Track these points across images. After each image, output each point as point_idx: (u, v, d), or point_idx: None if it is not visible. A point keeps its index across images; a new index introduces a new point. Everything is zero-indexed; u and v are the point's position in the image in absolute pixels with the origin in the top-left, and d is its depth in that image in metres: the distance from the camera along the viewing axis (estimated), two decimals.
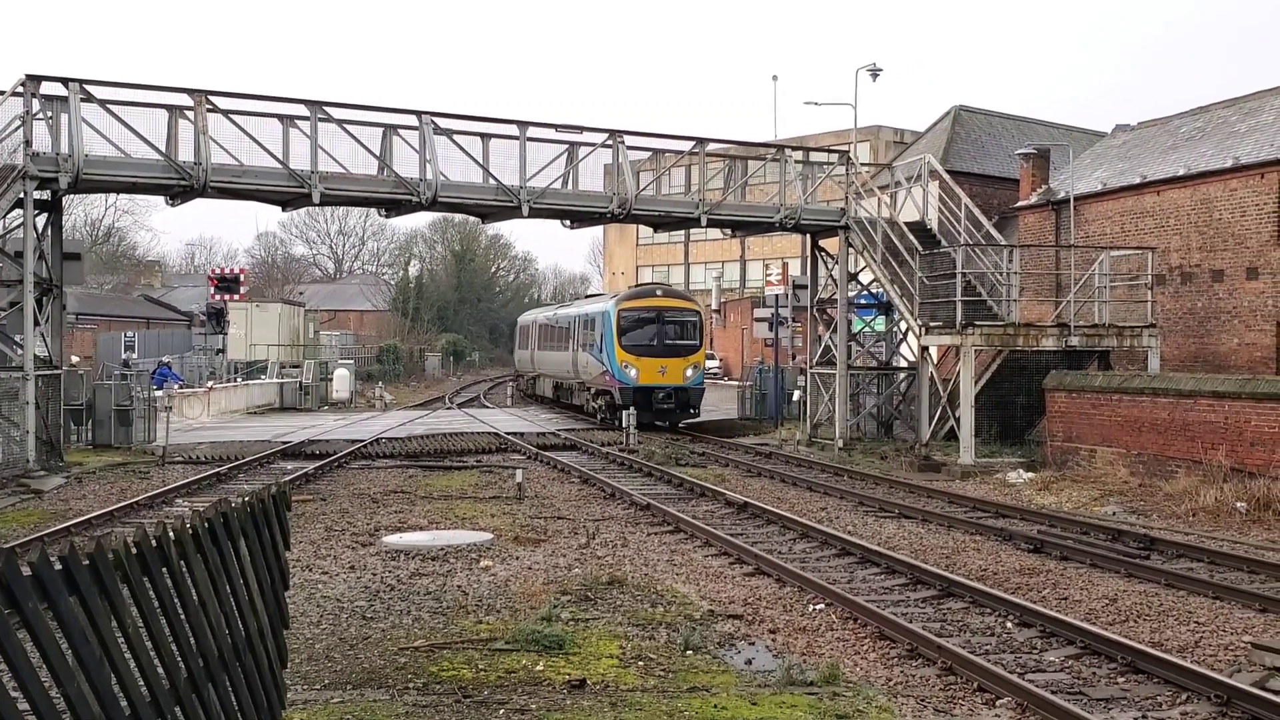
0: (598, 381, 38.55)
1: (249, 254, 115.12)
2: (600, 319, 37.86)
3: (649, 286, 42.47)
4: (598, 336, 37.72)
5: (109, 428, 30.16)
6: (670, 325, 37.14)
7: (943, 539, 17.90)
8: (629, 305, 37.39)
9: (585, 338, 39.91)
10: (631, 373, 35.91)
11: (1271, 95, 32.78)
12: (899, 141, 62.12)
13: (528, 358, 54.52)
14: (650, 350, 36.26)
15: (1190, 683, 9.96)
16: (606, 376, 37.07)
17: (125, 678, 5.01)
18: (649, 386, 35.84)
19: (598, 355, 37.78)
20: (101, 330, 67.51)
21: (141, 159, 24.53)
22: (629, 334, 36.47)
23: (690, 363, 36.72)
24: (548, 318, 49.71)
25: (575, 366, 41.77)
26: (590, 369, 39.37)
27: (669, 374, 36.10)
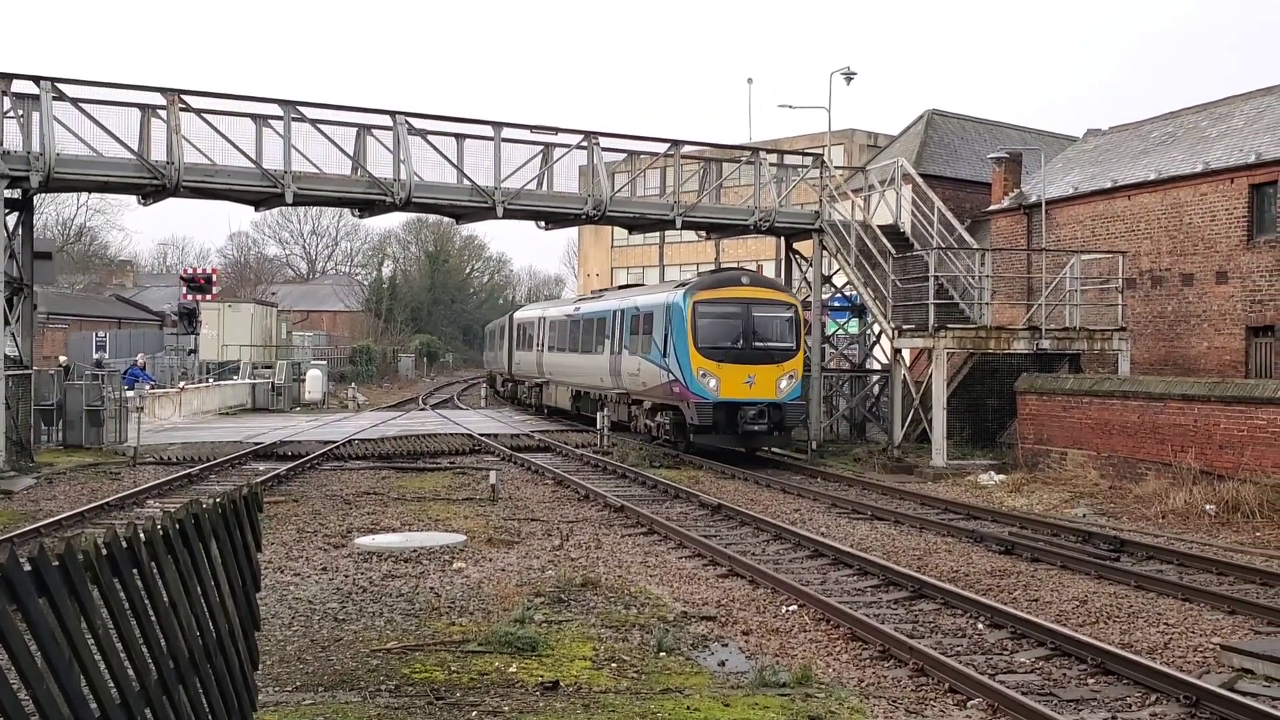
0: (657, 394, 29.97)
1: (221, 254, 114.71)
2: (663, 314, 29.37)
3: (730, 272, 31.50)
4: (659, 336, 29.36)
5: (80, 428, 29.95)
6: (761, 322, 28.54)
7: (915, 540, 17.97)
8: (707, 296, 28.54)
9: (635, 338, 31.56)
10: (711, 384, 27.64)
11: (1241, 101, 33.06)
12: (873, 145, 62.30)
13: (532, 361, 45.74)
14: (735, 354, 28.02)
15: (1160, 684, 10.03)
16: (674, 388, 28.47)
17: (95, 679, 4.99)
18: (734, 402, 27.61)
19: (659, 361, 29.27)
20: (73, 330, 67.09)
21: (114, 158, 24.40)
22: (706, 333, 28.20)
23: (785, 371, 28.22)
24: (564, 313, 41.23)
25: (616, 374, 33.26)
26: (645, 378, 30.57)
27: (759, 385, 27.88)
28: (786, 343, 28.54)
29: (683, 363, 27.98)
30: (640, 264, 78.22)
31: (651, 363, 29.91)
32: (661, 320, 29.40)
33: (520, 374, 49.41)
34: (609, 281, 75.13)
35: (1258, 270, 28.13)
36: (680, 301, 28.57)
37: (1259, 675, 10.55)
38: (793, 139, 59.44)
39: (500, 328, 56.31)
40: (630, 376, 31.74)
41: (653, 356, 29.77)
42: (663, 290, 31.72)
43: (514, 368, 50.81)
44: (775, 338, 28.56)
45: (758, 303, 28.64)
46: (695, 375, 27.73)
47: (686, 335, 27.96)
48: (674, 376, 28.35)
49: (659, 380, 29.43)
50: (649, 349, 30.08)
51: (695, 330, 27.98)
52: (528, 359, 46.94)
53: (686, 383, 27.88)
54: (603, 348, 34.57)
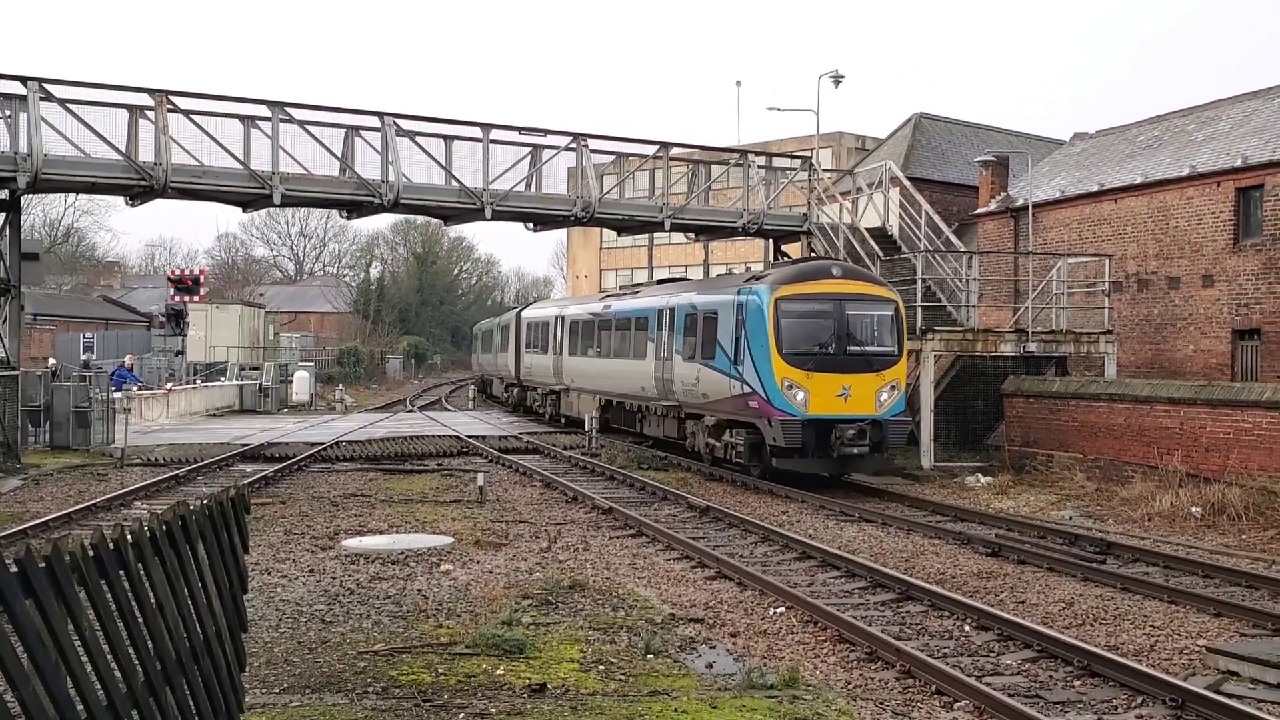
0: (724, 408, 25.46)
1: (209, 255, 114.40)
2: (732, 313, 24.89)
3: (818, 262, 26.23)
4: (727, 339, 24.94)
5: (67, 429, 29.90)
6: (856, 322, 24.19)
7: (902, 542, 18.01)
8: (793, 292, 23.96)
9: (691, 340, 26.91)
10: (798, 397, 23.24)
11: (1228, 104, 33.18)
12: (861, 148, 62.43)
13: (546, 366, 40.64)
14: (826, 362, 23.66)
15: (1146, 686, 10.07)
16: (749, 402, 23.97)
17: (81, 682, 4.98)
18: (827, 419, 23.20)
19: (726, 369, 24.83)
20: (60, 331, 66.89)
21: (101, 159, 24.35)
22: (792, 336, 23.74)
23: (886, 380, 23.75)
24: (589, 312, 36.12)
25: (664, 383, 28.43)
26: (706, 389, 26.00)
27: (855, 398, 23.46)
28: (887, 346, 24.23)
29: (762, 372, 23.59)
30: (629, 266, 78.21)
31: (716, 371, 25.31)
32: (730, 320, 24.85)
33: (532, 380, 43.99)
34: (597, 284, 75.05)
35: (1244, 274, 28.24)
36: (758, 298, 24.06)
37: (1245, 677, 10.59)
38: (781, 141, 59.53)
39: (500, 327, 51.71)
40: (685, 387, 27.02)
41: (718, 364, 25.21)
42: (728, 284, 26.93)
43: (523, 373, 45.21)
44: (874, 340, 24.31)
45: (852, 298, 24.13)
46: (779, 387, 23.27)
47: (767, 338, 23.53)
48: (749, 388, 23.84)
49: (727, 392, 24.87)
50: (711, 354, 25.56)
51: (778, 332, 23.56)
52: (541, 363, 41.76)
53: (768, 396, 23.36)
54: (644, 352, 29.83)
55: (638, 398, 30.95)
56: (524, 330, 44.92)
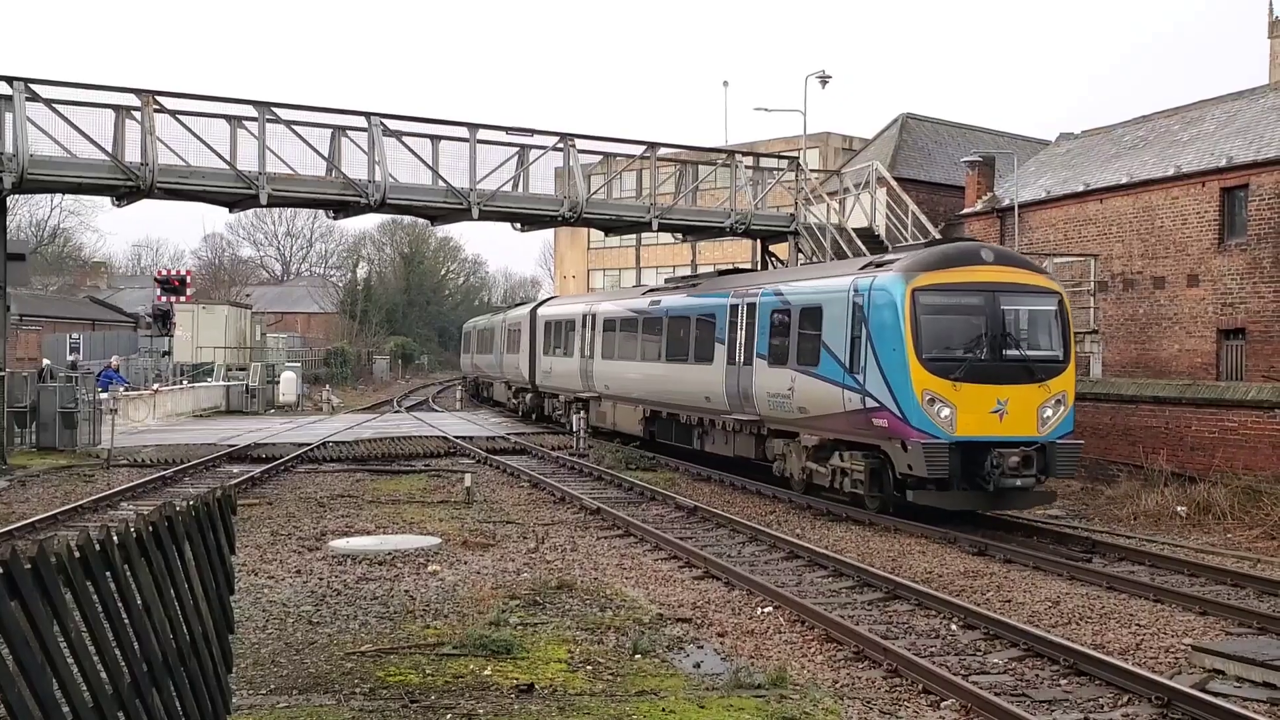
0: (835, 426, 20.50)
1: (196, 255, 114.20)
2: (847, 307, 20.07)
3: (963, 244, 21.47)
4: (838, 340, 20.17)
5: (54, 430, 29.81)
6: (1015, 319, 19.53)
7: (889, 542, 18.04)
8: (936, 281, 19.08)
9: (783, 342, 22.43)
10: (943, 414, 18.43)
11: (1213, 105, 33.30)
12: (848, 148, 62.51)
13: (572, 371, 35.63)
14: (979, 370, 18.76)
15: (1132, 685, 10.11)
16: (874, 419, 19.13)
17: (68, 683, 4.97)
18: (981, 442, 18.49)
19: (837, 377, 20.07)
20: (46, 332, 66.64)
21: (88, 159, 24.25)
22: (935, 337, 18.91)
23: (1051, 393, 18.96)
24: (630, 308, 31.62)
25: (740, 393, 23.91)
26: (805, 400, 21.24)
27: (1013, 416, 18.68)
28: (1051, 350, 19.48)
29: (894, 381, 18.75)
30: (617, 266, 78.22)
31: (821, 380, 20.66)
32: (843, 316, 20.15)
33: (552, 386, 38.71)
34: (585, 284, 75.00)
35: (1229, 273, 28.35)
36: (888, 289, 19.15)
37: (1230, 676, 10.64)
38: (768, 142, 59.58)
39: (506, 326, 46.83)
40: (772, 399, 22.51)
41: (823, 370, 20.62)
42: (835, 271, 22.32)
43: (541, 378, 40.02)
44: (1035, 342, 19.65)
45: (1009, 289, 19.36)
46: (919, 401, 18.47)
47: (902, 339, 18.67)
48: (875, 402, 19.06)
49: (838, 406, 20.13)
50: (813, 359, 21.02)
51: (917, 332, 18.69)
52: (564, 368, 36.69)
53: (902, 412, 18.57)
54: (710, 355, 25.49)
55: (699, 409, 26.46)
56: (541, 330, 39.86)
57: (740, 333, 24.25)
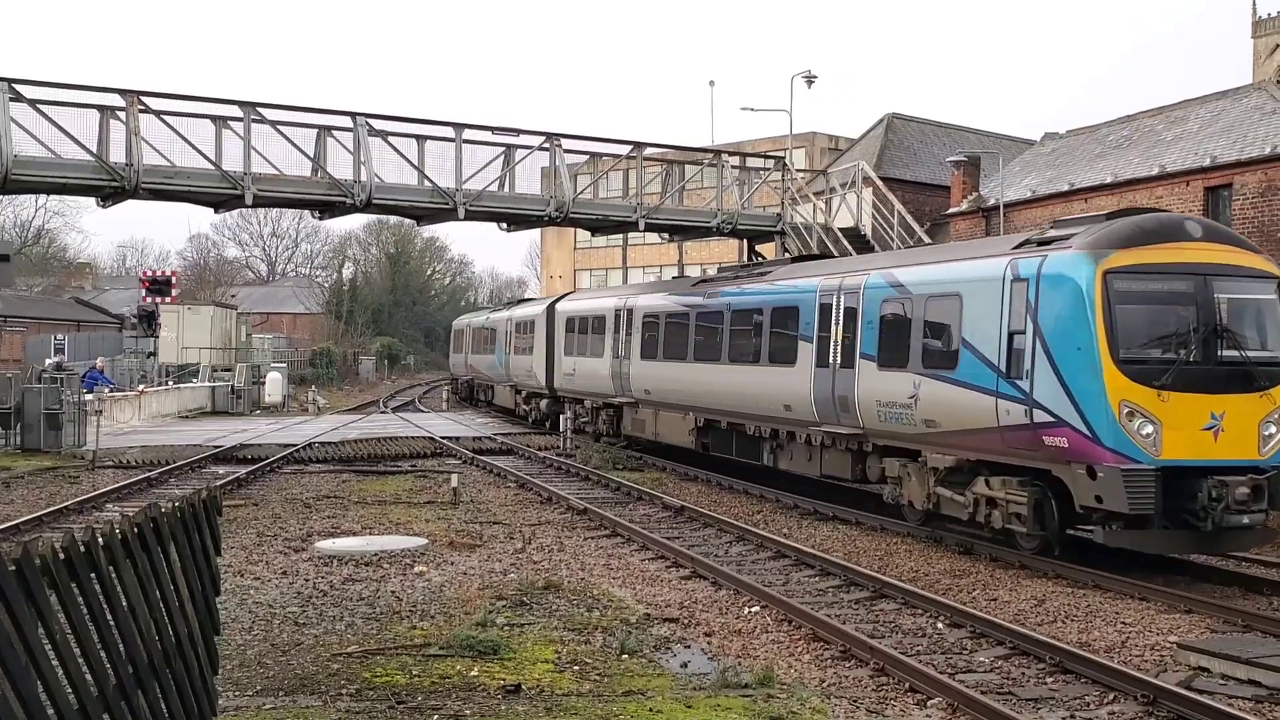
0: (987, 444, 16.45)
1: (181, 256, 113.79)
2: (1008, 293, 16.10)
3: (1163, 216, 17.15)
4: (989, 335, 16.24)
5: (38, 432, 29.69)
6: (1231, 311, 15.47)
7: (876, 541, 18.07)
8: (1133, 261, 15.19)
9: (907, 339, 18.33)
10: (1145, 431, 14.59)
11: (1196, 104, 33.41)
12: (834, 148, 62.57)
13: (602, 373, 31.84)
14: (1189, 375, 14.95)
15: (1117, 683, 10.14)
16: (1047, 435, 15.19)
17: (52, 685, 4.95)
18: (1195, 466, 14.68)
19: (991, 382, 16.11)
20: (31, 333, 66.38)
21: (72, 160, 24.15)
22: (1134, 332, 15.16)
23: (1276, 405, 15.18)
24: (686, 302, 27.51)
25: (847, 401, 19.74)
26: (943, 411, 17.18)
27: (1230, 434, 14.87)
28: (1271, 350, 15.61)
29: (1080, 389, 14.77)
30: (604, 266, 78.20)
31: (963, 386, 16.69)
32: (997, 306, 16.19)
33: (575, 390, 34.79)
34: (572, 284, 74.85)
35: None
36: (1070, 270, 15.15)
37: (1215, 673, 10.68)
38: (755, 141, 59.62)
39: (513, 324, 42.82)
40: (886, 408, 18.52)
41: (965, 375, 16.64)
42: (980, 252, 18.30)
43: (561, 381, 36.07)
44: (1253, 341, 15.56)
45: (1222, 273, 15.41)
46: (1115, 415, 14.56)
47: (1092, 336, 14.74)
48: (1049, 415, 15.04)
49: (988, 419, 16.10)
50: (948, 360, 17.16)
51: (1111, 326, 14.82)
52: (592, 370, 32.74)
53: (1091, 428, 14.57)
54: (792, 356, 21.76)
55: (772, 419, 22.61)
56: (561, 328, 35.90)
57: (835, 328, 20.25)
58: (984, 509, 16.58)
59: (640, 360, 29.34)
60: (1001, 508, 16.19)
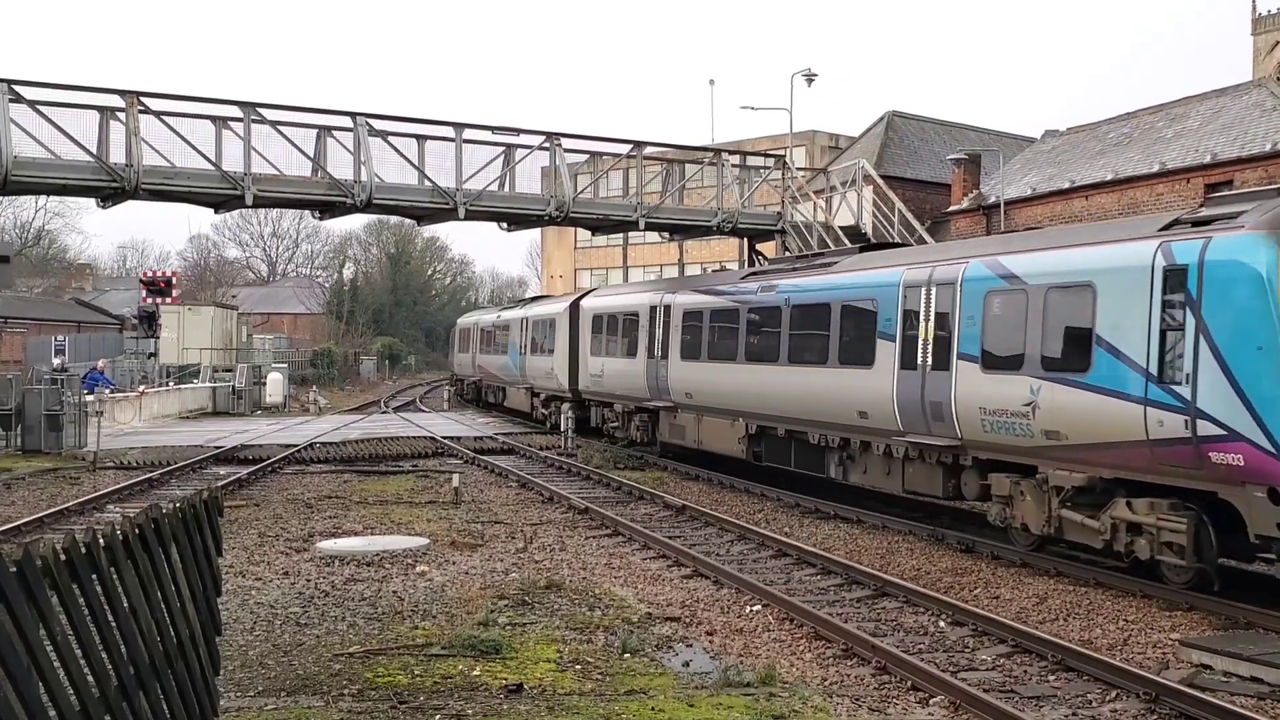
0: (1132, 460, 14.11)
1: (181, 257, 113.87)
2: (1159, 283, 13.85)
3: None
4: (1132, 333, 14.10)
5: (39, 433, 29.70)
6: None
7: (877, 540, 18.05)
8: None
9: (1018, 335, 16.01)
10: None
11: (1197, 101, 33.43)
12: (834, 146, 62.57)
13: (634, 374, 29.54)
14: None
15: (1119, 680, 10.14)
16: (1216, 451, 12.85)
17: (54, 686, 4.95)
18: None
19: (1138, 387, 13.84)
20: (31, 334, 66.38)
21: (72, 160, 24.14)
22: None
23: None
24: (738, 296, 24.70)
25: (940, 408, 17.30)
26: (1070, 421, 14.87)
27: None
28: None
29: (1259, 396, 12.63)
30: (604, 265, 78.20)
31: (1099, 392, 14.40)
32: (1144, 298, 14.00)
33: (604, 393, 32.48)
34: (573, 284, 74.75)
35: None
36: (1246, 254, 12.98)
37: (1217, 671, 10.68)
38: (755, 140, 59.60)
39: (529, 323, 40.46)
40: (993, 417, 16.01)
41: (1101, 378, 14.43)
42: (1116, 235, 15.51)
43: (587, 383, 33.56)
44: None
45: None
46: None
47: (1277, 333, 12.60)
48: (1218, 427, 12.89)
49: (1136, 431, 13.86)
50: (1080, 361, 14.84)
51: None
52: (624, 370, 30.39)
53: (1276, 443, 12.37)
54: (868, 356, 19.15)
55: (842, 427, 20.20)
56: (587, 326, 33.64)
57: (925, 325, 17.83)
58: (1124, 536, 14.18)
59: (681, 361, 26.93)
60: (1149, 536, 13.78)
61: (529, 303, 45.04)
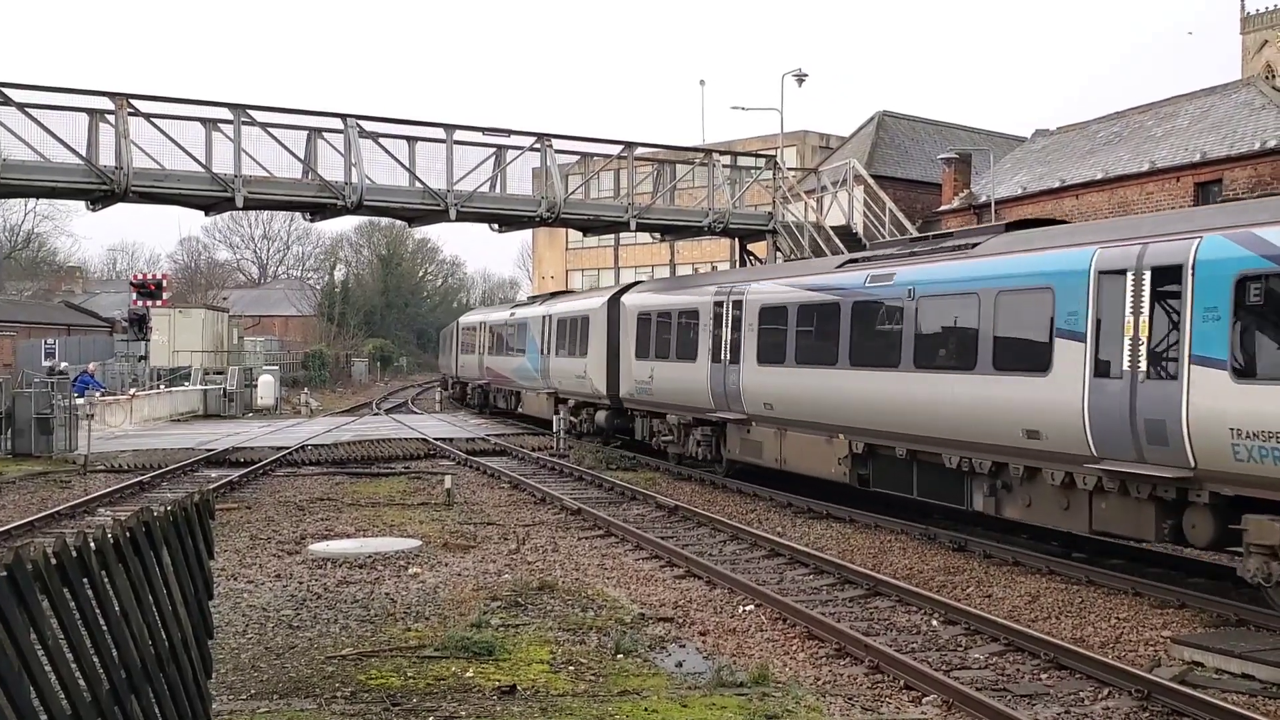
0: None
1: (172, 259, 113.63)
2: None
3: None
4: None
5: (29, 436, 29.62)
6: None
7: (869, 539, 18.07)
8: None
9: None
10: None
11: (1186, 100, 33.49)
12: (825, 146, 62.59)
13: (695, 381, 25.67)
14: None
15: (1112, 678, 10.16)
16: None
17: (45, 691, 4.93)
18: None
19: None
20: (21, 337, 66.21)
21: (61, 163, 24.08)
22: None
23: None
24: (838, 287, 20.82)
25: (1181, 429, 13.10)
26: None
27: None
28: None
29: None
30: (596, 266, 78.21)
31: None
32: None
33: (654, 402, 28.37)
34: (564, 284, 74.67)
35: None
36: None
37: (1209, 668, 10.70)
38: (746, 140, 59.62)
39: (544, 323, 37.89)
40: (1249, 443, 12.39)
41: None
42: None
43: (631, 391, 29.71)
44: None
45: None
46: None
47: None
48: None
49: None
50: None
51: None
52: (681, 376, 26.40)
53: None
54: (1041, 359, 15.48)
55: (1000, 449, 16.19)
56: (633, 325, 29.94)
57: (1133, 319, 13.94)
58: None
59: (758, 366, 23.19)
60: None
61: (551, 299, 41.02)
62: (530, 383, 39.46)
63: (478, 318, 51.63)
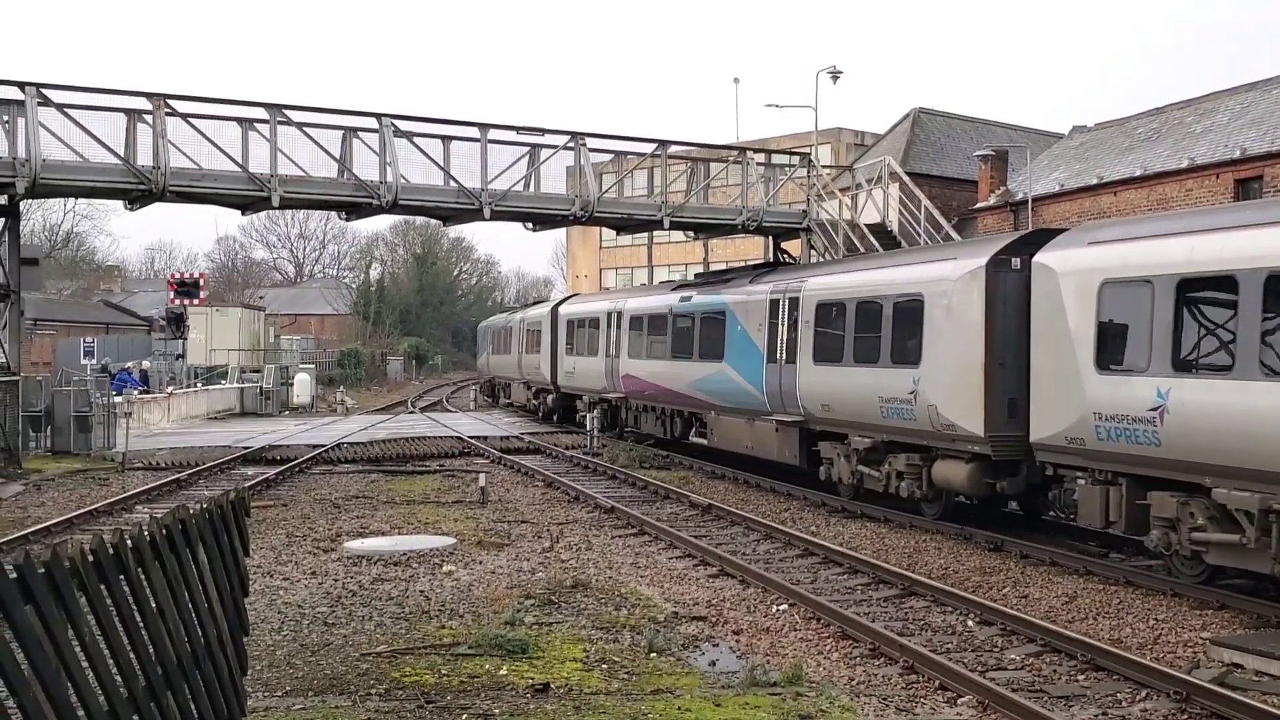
0: None
1: (209, 258, 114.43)
2: None
3: None
4: None
5: (68, 434, 29.89)
6: None
7: (904, 539, 17.98)
8: None
9: None
10: None
11: (1226, 96, 33.16)
12: (859, 144, 62.36)
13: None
14: None
15: (1150, 679, 10.06)
16: None
17: (83, 687, 4.97)
18: None
19: None
20: (60, 336, 66.85)
21: (100, 163, 24.30)
22: None
23: None
24: None
25: None
26: None
27: None
28: None
29: None
30: (629, 264, 78.23)
31: None
32: None
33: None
34: (598, 284, 74.82)
35: None
36: None
37: (1248, 670, 10.59)
38: (780, 138, 59.47)
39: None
40: None
41: None
42: None
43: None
44: None
45: None
46: None
47: None
48: None
49: None
50: None
51: None
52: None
53: None
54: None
55: None
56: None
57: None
58: None
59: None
60: None
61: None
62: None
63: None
